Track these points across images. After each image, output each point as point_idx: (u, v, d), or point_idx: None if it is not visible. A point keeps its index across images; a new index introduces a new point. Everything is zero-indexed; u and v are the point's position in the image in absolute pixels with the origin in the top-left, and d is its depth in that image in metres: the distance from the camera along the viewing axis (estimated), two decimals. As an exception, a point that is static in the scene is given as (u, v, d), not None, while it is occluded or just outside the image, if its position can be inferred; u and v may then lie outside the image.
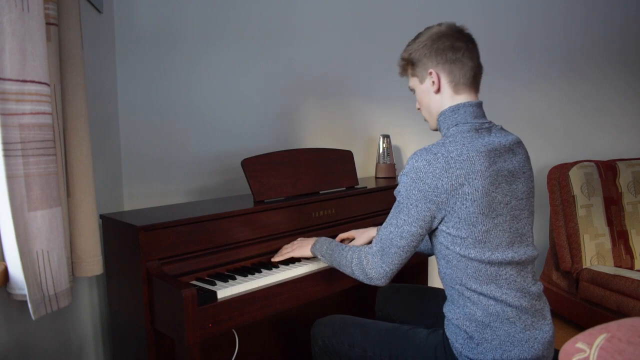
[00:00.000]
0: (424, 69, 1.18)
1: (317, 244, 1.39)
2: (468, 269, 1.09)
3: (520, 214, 1.12)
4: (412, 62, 1.20)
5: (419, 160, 1.06)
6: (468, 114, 1.14)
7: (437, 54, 1.15)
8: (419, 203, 1.06)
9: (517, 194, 1.11)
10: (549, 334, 1.12)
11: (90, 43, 1.48)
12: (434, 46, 1.15)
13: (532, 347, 1.09)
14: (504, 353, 1.08)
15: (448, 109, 1.16)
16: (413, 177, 1.06)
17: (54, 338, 1.31)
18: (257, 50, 2.07)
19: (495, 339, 1.08)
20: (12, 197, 0.94)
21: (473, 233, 1.06)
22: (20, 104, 0.95)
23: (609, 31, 2.89)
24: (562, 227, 2.41)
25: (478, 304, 1.09)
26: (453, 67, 1.15)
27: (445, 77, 1.16)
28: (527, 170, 1.17)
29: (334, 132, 2.32)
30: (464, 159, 1.04)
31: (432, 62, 1.16)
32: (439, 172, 1.04)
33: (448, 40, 1.14)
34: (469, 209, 1.04)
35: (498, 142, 1.11)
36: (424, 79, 1.19)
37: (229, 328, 1.24)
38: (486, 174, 1.04)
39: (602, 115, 2.94)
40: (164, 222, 1.30)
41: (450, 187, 1.03)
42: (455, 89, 1.16)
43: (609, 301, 2.16)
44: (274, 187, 1.63)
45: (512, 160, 1.13)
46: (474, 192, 1.03)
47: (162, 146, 1.89)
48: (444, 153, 1.05)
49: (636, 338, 0.62)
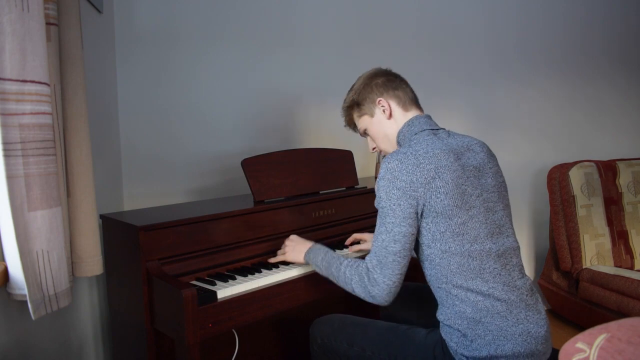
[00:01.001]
0: (371, 103, 1.29)
1: (311, 253, 1.35)
2: (451, 265, 1.12)
3: (494, 206, 1.17)
4: (357, 103, 1.32)
5: (390, 162, 1.12)
6: (423, 123, 1.24)
7: (379, 87, 1.28)
8: (400, 201, 1.10)
9: (487, 187, 1.17)
10: (544, 329, 1.13)
11: (90, 43, 1.48)
12: (373, 82, 1.29)
13: (526, 340, 1.09)
14: (498, 347, 1.09)
15: (404, 125, 1.26)
16: (389, 178, 1.11)
17: (54, 338, 1.31)
18: (257, 50, 2.07)
19: (488, 334, 1.09)
20: (12, 197, 0.94)
21: (450, 226, 1.10)
22: (20, 104, 0.95)
23: (608, 31, 2.89)
24: (562, 227, 2.41)
25: (466, 301, 1.11)
26: (397, 92, 1.28)
27: (394, 101, 1.28)
28: (493, 166, 1.23)
29: (334, 132, 2.32)
30: (430, 155, 1.11)
31: (377, 93, 1.28)
32: (411, 167, 1.10)
33: (383, 75, 1.30)
34: (444, 202, 1.09)
35: (456, 144, 1.19)
36: (374, 111, 1.30)
37: (229, 328, 1.24)
38: (453, 168, 1.11)
39: (602, 115, 2.94)
40: (164, 222, 1.30)
41: (424, 180, 1.09)
42: (405, 108, 1.28)
43: (609, 301, 2.16)
44: (274, 187, 1.63)
45: (475, 157, 1.19)
46: (445, 185, 1.09)
47: (162, 146, 1.89)
48: (412, 152, 1.13)
49: (636, 338, 0.62)
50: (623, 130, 2.98)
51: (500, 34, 2.66)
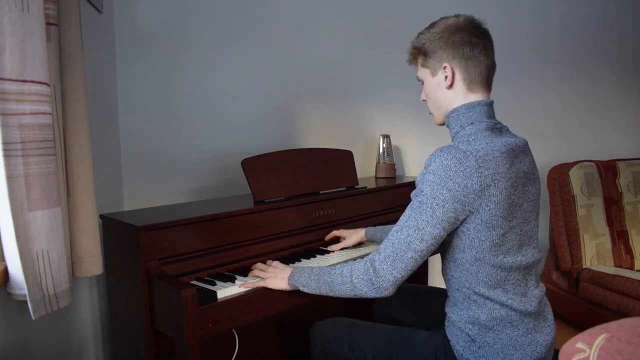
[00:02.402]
0: (437, 62, 1.12)
1: (294, 275, 1.26)
2: (479, 274, 1.06)
3: (529, 217, 1.10)
4: (425, 52, 1.14)
5: (447, 158, 1.00)
6: (483, 113, 1.10)
7: (454, 48, 1.09)
8: (446, 203, 1.00)
9: (528, 195, 1.09)
10: (551, 336, 1.12)
11: (90, 43, 1.48)
12: (451, 39, 1.09)
13: (535, 350, 1.08)
14: (506, 357, 1.07)
15: (462, 107, 1.11)
16: (441, 176, 1.00)
17: (54, 338, 1.31)
18: (257, 50, 2.07)
19: (497, 343, 1.07)
20: (12, 197, 0.94)
21: (491, 236, 1.03)
22: (20, 104, 0.94)
23: (608, 32, 2.89)
24: (562, 227, 2.41)
25: (483, 308, 1.08)
26: (469, 64, 1.10)
27: (460, 74, 1.11)
28: (536, 171, 1.15)
29: (334, 132, 2.32)
30: (490, 159, 1.00)
31: (448, 55, 1.10)
32: (470, 171, 0.98)
33: (466, 35, 1.09)
34: (492, 211, 1.01)
35: (513, 142, 1.08)
36: (436, 72, 1.13)
37: (229, 328, 1.24)
38: (508, 176, 1.01)
39: (602, 115, 2.94)
40: (164, 222, 1.30)
41: (479, 187, 0.99)
42: (470, 87, 1.12)
43: (609, 301, 2.16)
44: (274, 187, 1.63)
45: (526, 161, 1.10)
46: (498, 194, 1.00)
47: (162, 146, 1.89)
48: (473, 152, 1.00)
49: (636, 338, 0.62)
50: (623, 130, 2.98)
51: (500, 34, 2.66)
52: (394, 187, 2.03)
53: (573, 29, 2.82)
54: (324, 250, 1.60)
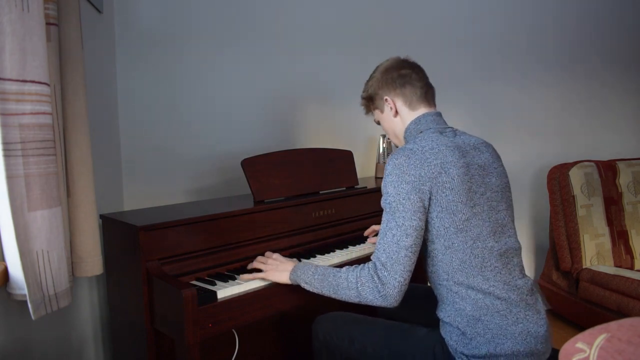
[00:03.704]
0: (380, 100, 1.31)
1: (297, 270, 1.27)
2: (453, 262, 1.12)
3: (497, 206, 1.17)
4: (371, 97, 1.35)
5: (397, 158, 1.13)
6: (430, 122, 1.25)
7: (388, 84, 1.29)
8: (410, 195, 1.10)
9: (491, 186, 1.17)
10: (544, 329, 1.14)
11: (90, 43, 1.48)
12: (384, 78, 1.30)
13: (525, 340, 1.10)
14: (497, 346, 1.09)
15: (411, 123, 1.27)
16: (397, 173, 1.12)
17: (54, 338, 1.31)
18: (258, 50, 2.07)
19: (487, 333, 1.10)
20: (12, 197, 0.94)
21: (454, 222, 1.10)
22: (20, 104, 0.94)
23: (608, 32, 2.89)
24: (562, 227, 2.41)
25: (467, 299, 1.12)
26: (404, 90, 1.28)
27: (399, 100, 1.28)
28: (498, 166, 1.23)
29: (334, 132, 2.32)
30: (436, 152, 1.13)
31: (385, 91, 1.30)
32: (419, 162, 1.11)
33: (394, 71, 1.29)
34: (449, 197, 1.10)
35: (462, 141, 1.20)
36: (383, 108, 1.32)
37: (229, 328, 1.24)
38: (459, 164, 1.12)
39: (602, 115, 2.94)
40: (164, 222, 1.30)
41: (431, 174, 1.10)
42: (411, 107, 1.28)
43: (609, 301, 2.16)
44: (274, 187, 1.63)
45: (480, 156, 1.20)
46: (451, 181, 1.10)
47: (162, 146, 1.89)
48: (418, 147, 1.14)
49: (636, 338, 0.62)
50: (623, 130, 2.98)
51: (500, 35, 2.66)
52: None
53: (573, 29, 2.82)
54: (329, 249, 1.60)
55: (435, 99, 1.33)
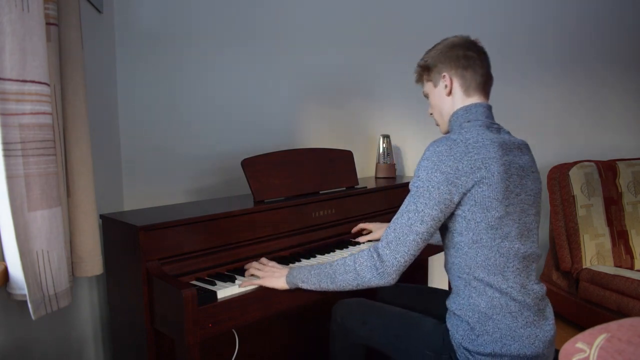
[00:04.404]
0: (438, 74, 1.26)
1: (293, 272, 1.29)
2: (478, 257, 1.11)
3: (528, 209, 1.16)
4: (428, 67, 1.29)
5: (440, 145, 1.11)
6: (479, 113, 1.21)
7: (451, 60, 1.24)
8: (440, 185, 1.09)
9: (526, 189, 1.16)
10: (550, 334, 1.15)
11: (90, 43, 1.48)
12: (449, 53, 1.24)
13: (533, 343, 1.11)
14: (504, 347, 1.09)
15: (461, 109, 1.23)
16: (434, 160, 1.10)
17: (54, 338, 1.31)
18: (258, 50, 2.07)
19: (496, 332, 1.10)
20: (12, 197, 0.94)
21: (487, 218, 1.09)
22: (20, 104, 0.95)
23: (609, 32, 2.89)
24: (562, 227, 2.41)
25: (483, 295, 1.12)
26: (465, 73, 1.23)
27: (457, 81, 1.24)
28: (535, 171, 1.22)
29: (334, 132, 2.32)
30: (480, 146, 1.10)
31: (446, 67, 1.24)
32: (459, 155, 1.09)
33: (461, 50, 1.23)
34: (485, 193, 1.08)
35: (508, 139, 1.18)
36: (438, 83, 1.27)
37: (229, 328, 1.24)
38: (500, 162, 1.09)
39: (602, 115, 2.94)
40: (164, 222, 1.30)
41: (470, 169, 1.08)
42: (467, 92, 1.24)
43: (609, 301, 2.16)
44: (274, 187, 1.63)
45: (522, 157, 1.18)
46: (490, 177, 1.08)
47: (162, 146, 1.89)
48: (462, 139, 1.11)
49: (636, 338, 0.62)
50: (623, 130, 2.98)
51: (500, 35, 2.66)
52: (394, 187, 2.03)
53: (573, 29, 2.82)
54: (329, 250, 1.60)
55: (490, 90, 1.28)
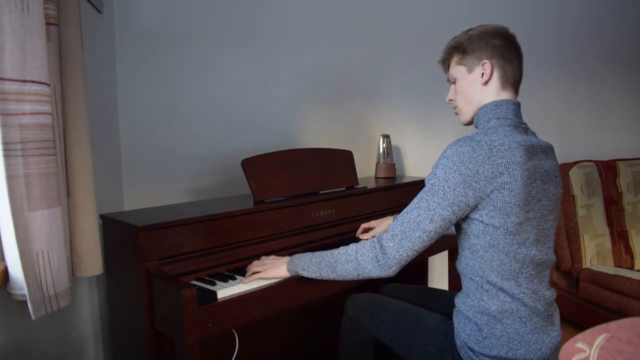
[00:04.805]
0: (476, 59, 1.18)
1: (294, 260, 1.30)
2: (493, 262, 1.09)
3: (548, 215, 1.13)
4: (464, 49, 1.20)
5: (462, 145, 1.06)
6: (510, 111, 1.17)
7: (493, 48, 1.17)
8: (457, 187, 1.05)
9: (548, 194, 1.13)
10: (557, 340, 1.14)
11: (90, 43, 1.48)
12: (491, 41, 1.17)
13: (539, 349, 1.10)
14: (510, 351, 1.09)
15: (491, 104, 1.17)
16: (455, 160, 1.06)
17: (54, 338, 1.31)
18: (258, 50, 2.07)
19: (504, 336, 1.09)
20: (12, 197, 0.94)
21: (506, 223, 1.06)
22: (20, 104, 0.95)
23: (609, 32, 2.89)
24: (562, 227, 2.41)
25: (495, 299, 1.10)
26: (506, 65, 1.17)
27: (498, 71, 1.17)
28: (558, 175, 1.19)
29: (334, 132, 2.32)
30: (505, 149, 1.05)
31: (487, 54, 1.17)
32: (482, 158, 1.04)
33: (504, 40, 1.17)
34: (506, 199, 1.04)
35: (535, 142, 1.14)
36: (473, 69, 1.19)
37: (229, 328, 1.24)
38: (525, 167, 1.05)
39: (602, 115, 2.94)
40: (164, 222, 1.30)
41: (491, 174, 1.04)
42: (503, 86, 1.18)
43: (609, 301, 2.16)
44: (274, 187, 1.63)
45: (547, 161, 1.15)
46: (512, 182, 1.04)
47: (162, 146, 1.89)
48: (487, 141, 1.06)
49: (636, 338, 0.62)
50: (623, 130, 2.98)
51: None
52: (394, 187, 2.03)
53: (573, 29, 2.82)
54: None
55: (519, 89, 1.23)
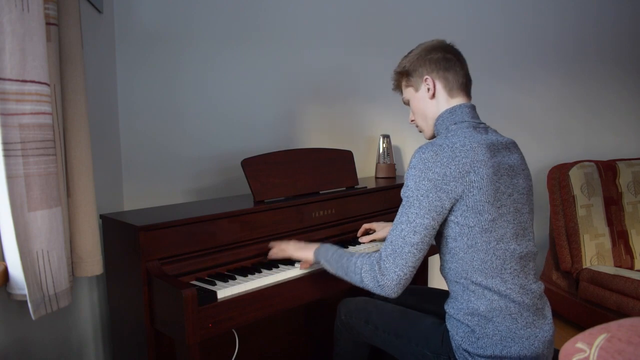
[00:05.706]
0: (419, 77, 1.25)
1: (321, 248, 1.34)
2: (474, 262, 1.11)
3: (522, 208, 1.16)
4: (407, 72, 1.28)
5: (425, 151, 1.09)
6: (465, 114, 1.21)
7: (431, 63, 1.23)
8: (429, 193, 1.07)
9: (518, 187, 1.15)
10: (549, 333, 1.15)
11: (90, 43, 1.48)
12: (428, 57, 1.23)
13: (533, 344, 1.10)
14: (504, 349, 1.09)
15: (446, 111, 1.22)
16: (421, 168, 1.08)
17: (54, 338, 1.31)
18: (258, 50, 2.07)
19: (496, 334, 1.10)
20: (12, 197, 0.94)
21: (480, 222, 1.08)
22: (20, 104, 0.95)
23: (608, 32, 2.89)
24: (562, 227, 2.41)
25: (482, 298, 1.11)
26: (447, 74, 1.22)
27: (440, 83, 1.23)
28: (525, 168, 1.22)
29: (334, 132, 2.32)
30: (467, 149, 1.08)
31: (427, 69, 1.23)
32: (446, 160, 1.07)
33: (440, 52, 1.23)
34: (476, 197, 1.07)
35: (495, 139, 1.17)
36: (419, 87, 1.26)
37: (229, 328, 1.24)
38: (489, 164, 1.08)
39: (602, 115, 2.94)
40: (164, 222, 1.30)
41: (458, 174, 1.06)
42: (450, 94, 1.23)
43: (609, 301, 2.16)
44: (274, 187, 1.63)
45: (510, 156, 1.17)
46: (479, 180, 1.07)
47: (162, 146, 1.89)
48: (448, 144, 1.10)
49: (636, 338, 0.62)
50: (623, 130, 2.98)
51: (500, 34, 2.66)
52: (394, 187, 2.03)
53: (571, 29, 2.82)
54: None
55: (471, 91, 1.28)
